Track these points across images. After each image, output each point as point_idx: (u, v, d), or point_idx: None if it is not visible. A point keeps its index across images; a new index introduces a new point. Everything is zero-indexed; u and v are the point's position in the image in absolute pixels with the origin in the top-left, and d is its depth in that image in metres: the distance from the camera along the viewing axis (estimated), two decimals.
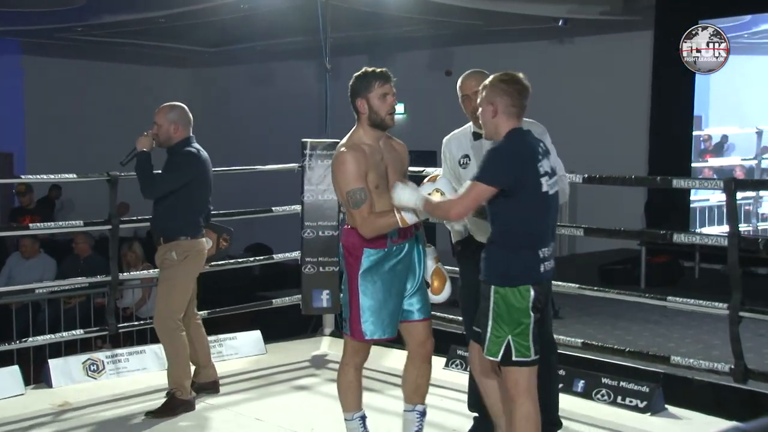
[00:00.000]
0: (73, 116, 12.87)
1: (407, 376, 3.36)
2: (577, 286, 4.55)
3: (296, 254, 5.44)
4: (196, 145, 4.21)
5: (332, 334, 5.66)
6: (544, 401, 3.50)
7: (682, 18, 8.32)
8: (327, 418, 4.04)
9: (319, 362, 5.08)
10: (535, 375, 2.98)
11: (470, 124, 3.48)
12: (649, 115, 9.01)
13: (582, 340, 4.46)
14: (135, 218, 5.26)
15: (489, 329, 2.92)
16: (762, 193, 7.79)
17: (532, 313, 2.90)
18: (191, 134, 4.20)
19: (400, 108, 11.66)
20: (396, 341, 3.52)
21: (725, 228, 4.29)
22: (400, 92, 3.27)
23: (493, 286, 2.92)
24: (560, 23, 9.03)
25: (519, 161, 2.89)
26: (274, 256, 5.83)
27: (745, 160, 8.34)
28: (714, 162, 8.54)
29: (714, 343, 5.27)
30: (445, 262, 3.44)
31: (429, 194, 2.91)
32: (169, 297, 4.11)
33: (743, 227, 7.62)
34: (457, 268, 3.65)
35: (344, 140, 3.23)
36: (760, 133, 8.10)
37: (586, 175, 4.51)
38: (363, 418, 3.34)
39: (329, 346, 5.44)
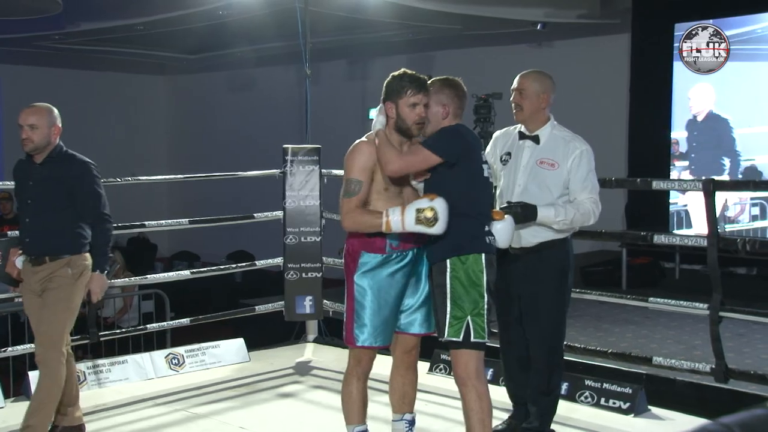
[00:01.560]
0: None
1: (394, 385, 3.34)
2: None
3: (279, 260, 5.42)
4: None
5: (316, 341, 5.65)
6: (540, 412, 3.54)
7: (658, 21, 8.43)
8: (312, 425, 4.03)
9: (303, 369, 5.07)
10: (483, 359, 3.09)
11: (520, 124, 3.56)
12: (627, 117, 9.09)
13: (565, 342, 4.47)
14: (115, 225, 5.21)
15: (448, 312, 3.00)
16: (734, 196, 7.88)
17: (486, 294, 3.00)
18: None
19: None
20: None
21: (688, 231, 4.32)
22: (378, 97, 3.26)
23: (448, 261, 3.00)
24: (538, 27, 9.08)
25: (466, 140, 3.11)
26: (256, 262, 5.81)
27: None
28: (681, 166, 8.62)
29: (695, 343, 5.32)
30: None
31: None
32: (65, 321, 3.57)
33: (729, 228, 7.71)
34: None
35: (370, 132, 3.17)
36: None
37: None
38: None
39: (313, 353, 5.42)
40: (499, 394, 4.24)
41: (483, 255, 3.01)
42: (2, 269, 3.77)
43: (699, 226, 7.94)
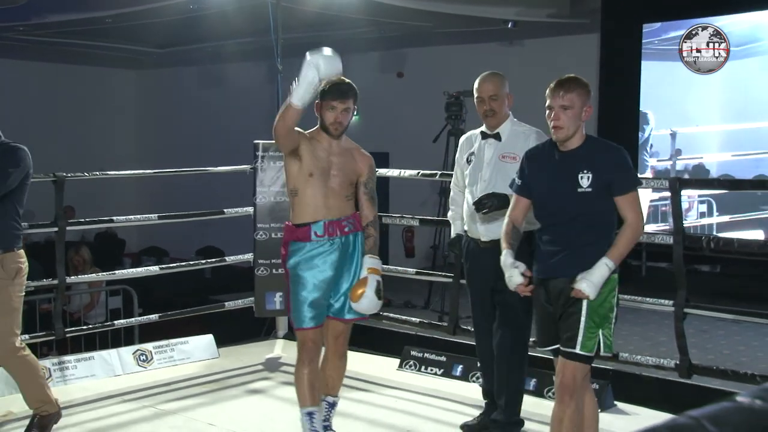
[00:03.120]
0: (16, 118, 12.54)
1: (322, 369, 3.47)
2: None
3: (249, 256, 5.40)
4: None
5: (285, 337, 5.64)
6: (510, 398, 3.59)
7: (626, 21, 8.53)
8: (281, 421, 4.02)
9: (272, 365, 5.05)
10: None
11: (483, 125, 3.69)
12: (597, 115, 9.19)
13: (533, 339, 4.51)
14: (83, 220, 5.17)
15: (582, 326, 2.98)
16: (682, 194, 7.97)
17: (615, 307, 3.07)
18: None
19: None
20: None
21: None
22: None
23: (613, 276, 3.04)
24: (509, 25, 9.14)
25: None
26: (226, 258, 5.77)
27: (660, 161, 8.55)
28: None
29: (660, 339, 5.39)
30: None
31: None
32: (11, 324, 3.49)
33: (663, 227, 7.79)
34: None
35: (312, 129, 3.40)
36: (673, 135, 8.32)
37: None
38: (310, 414, 3.32)
39: (283, 349, 5.41)
40: (471, 391, 4.28)
41: None
42: None
43: None
